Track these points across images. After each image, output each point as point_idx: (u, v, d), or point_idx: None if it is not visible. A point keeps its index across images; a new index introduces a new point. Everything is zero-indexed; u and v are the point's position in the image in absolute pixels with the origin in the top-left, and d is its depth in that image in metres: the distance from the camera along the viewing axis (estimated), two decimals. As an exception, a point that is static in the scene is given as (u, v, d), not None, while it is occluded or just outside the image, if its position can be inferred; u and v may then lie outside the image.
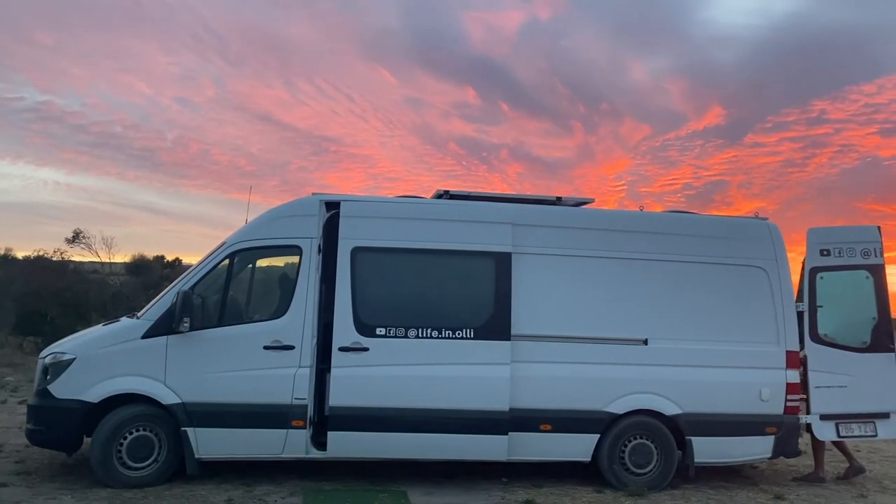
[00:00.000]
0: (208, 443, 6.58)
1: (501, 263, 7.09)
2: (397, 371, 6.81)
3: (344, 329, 6.77)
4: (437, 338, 6.89)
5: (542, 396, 6.97)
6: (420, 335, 6.88)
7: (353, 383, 6.73)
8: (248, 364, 6.64)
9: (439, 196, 7.65)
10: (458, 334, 6.93)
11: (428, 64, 51.46)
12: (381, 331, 6.82)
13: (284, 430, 6.64)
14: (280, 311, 6.83)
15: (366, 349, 6.76)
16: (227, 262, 6.90)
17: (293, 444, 6.67)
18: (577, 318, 7.18)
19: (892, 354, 7.85)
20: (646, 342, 7.22)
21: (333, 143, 55.03)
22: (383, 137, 54.10)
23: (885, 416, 7.77)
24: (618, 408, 7.08)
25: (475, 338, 6.94)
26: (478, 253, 7.11)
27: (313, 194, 7.18)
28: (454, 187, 7.61)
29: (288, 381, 6.64)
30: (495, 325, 6.97)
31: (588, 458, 7.12)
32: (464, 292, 7.15)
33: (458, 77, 54.48)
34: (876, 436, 7.80)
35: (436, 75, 53.17)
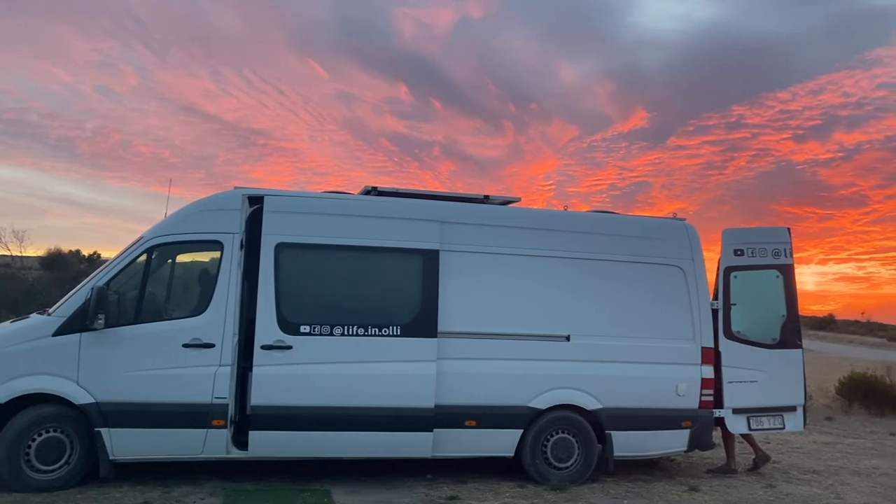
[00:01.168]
0: (123, 444, 6.36)
1: (429, 261, 7.10)
2: (322, 369, 6.73)
3: (267, 327, 6.65)
4: (364, 335, 6.85)
5: (468, 393, 7.02)
6: (346, 333, 6.82)
7: (275, 382, 6.62)
8: (167, 362, 6.45)
9: (367, 192, 7.61)
10: (385, 332, 6.90)
11: (360, 58, 51.11)
12: (305, 328, 6.73)
13: (204, 430, 6.48)
14: (200, 308, 6.65)
15: (289, 347, 6.66)
16: (144, 257, 6.68)
17: (213, 444, 6.52)
18: (502, 315, 7.26)
19: (800, 351, 8.24)
20: (568, 338, 7.37)
21: (261, 136, 54.05)
22: (313, 131, 53.46)
23: (792, 409, 8.15)
24: (541, 403, 7.20)
25: (402, 335, 6.93)
26: (405, 250, 7.10)
27: (236, 188, 7.02)
28: (386, 184, 7.59)
29: (208, 380, 6.48)
30: (422, 323, 6.97)
31: (512, 454, 7.22)
32: (391, 290, 7.12)
33: (390, 73, 54.32)
34: (784, 428, 8.18)
35: (368, 70, 52.85)
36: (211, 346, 6.51)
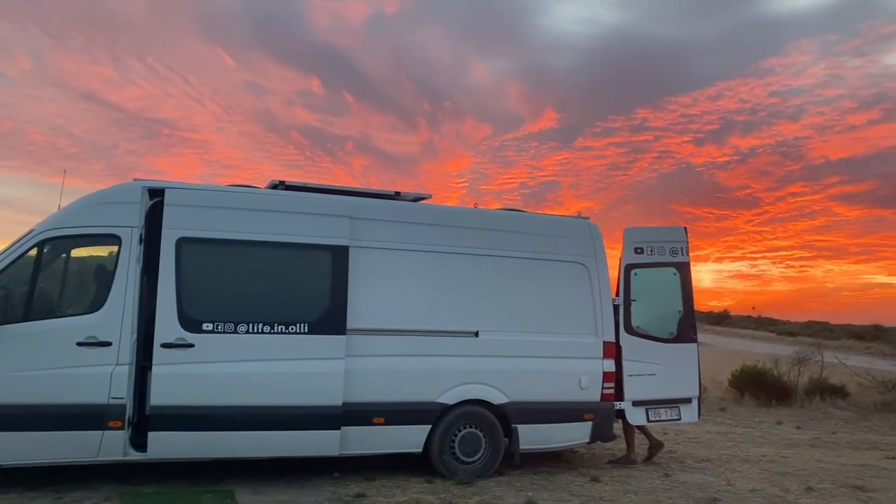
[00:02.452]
0: (11, 448, 6.02)
1: (338, 257, 7.04)
2: (226, 368, 6.56)
3: (167, 324, 6.43)
4: (270, 333, 6.72)
5: (376, 390, 7.00)
6: (251, 330, 6.67)
7: (176, 381, 6.40)
8: (59, 362, 6.13)
9: (274, 186, 7.46)
10: (292, 329, 6.79)
11: (270, 49, 49.92)
12: (208, 326, 6.54)
13: (100, 432, 6.20)
14: (96, 305, 6.36)
15: (191, 345, 6.45)
16: (35, 250, 6.32)
17: (109, 446, 6.25)
18: (412, 311, 7.28)
19: (695, 345, 8.65)
20: (477, 334, 7.46)
21: (166, 126, 52.03)
22: (221, 123, 51.87)
23: (688, 401, 8.56)
24: (449, 398, 7.27)
25: (309, 332, 6.83)
26: (313, 246, 7.01)
27: (135, 180, 6.74)
28: (297, 178, 7.47)
29: (104, 380, 6.21)
30: (330, 320, 6.91)
31: (420, 449, 7.25)
32: (298, 286, 7.01)
33: (302, 65, 53.35)
34: (680, 419, 8.57)
35: (279, 61, 51.67)
36: (107, 344, 6.24)
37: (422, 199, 8.08)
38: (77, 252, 6.97)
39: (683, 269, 8.71)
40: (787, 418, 13.84)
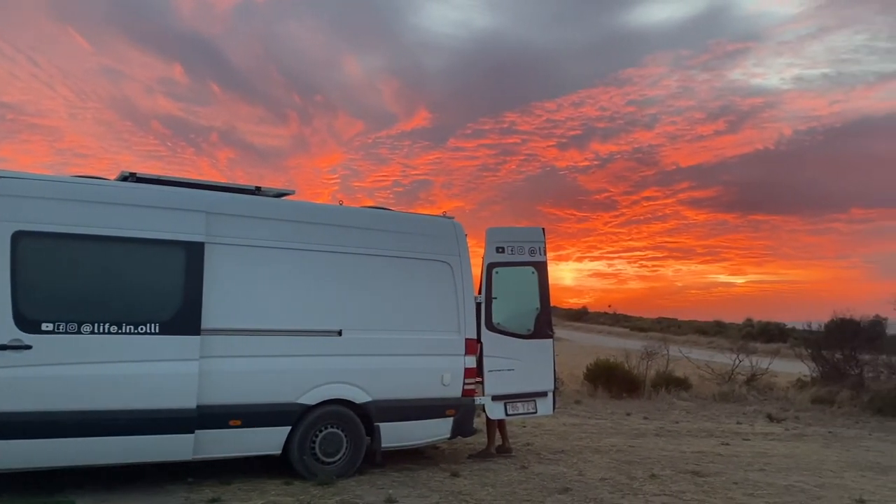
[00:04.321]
0: None
1: (192, 254, 6.74)
2: (69, 371, 6.12)
3: (0, 324, 5.92)
4: (118, 333, 6.33)
5: (233, 392, 6.78)
6: (96, 330, 6.26)
7: (12, 385, 5.89)
8: None
9: (124, 178, 7.04)
10: (142, 329, 6.44)
11: (130, 33, 47.21)
12: (47, 326, 6.08)
13: (-83, 444, 5.62)
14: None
15: (28, 347, 5.97)
16: None
17: (-71, 459, 5.68)
18: (272, 310, 7.11)
19: (551, 341, 9.01)
20: (340, 333, 7.39)
21: (11, 110, 47.98)
22: (74, 109, 48.48)
23: (544, 394, 8.90)
24: (310, 399, 7.16)
25: (161, 332, 6.51)
26: (166, 242, 6.67)
27: (-36, 168, 6.16)
28: (158, 169, 7.12)
29: (-77, 387, 5.63)
30: (184, 319, 6.61)
31: (279, 451, 7.10)
32: (149, 284, 6.65)
33: (164, 51, 50.83)
34: (536, 412, 8.90)
35: (139, 46, 48.98)
36: (-70, 347, 5.67)
37: (285, 194, 7.90)
38: None
39: (541, 268, 9.06)
40: (635, 409, 14.69)
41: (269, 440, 7.03)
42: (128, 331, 6.37)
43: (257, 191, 7.61)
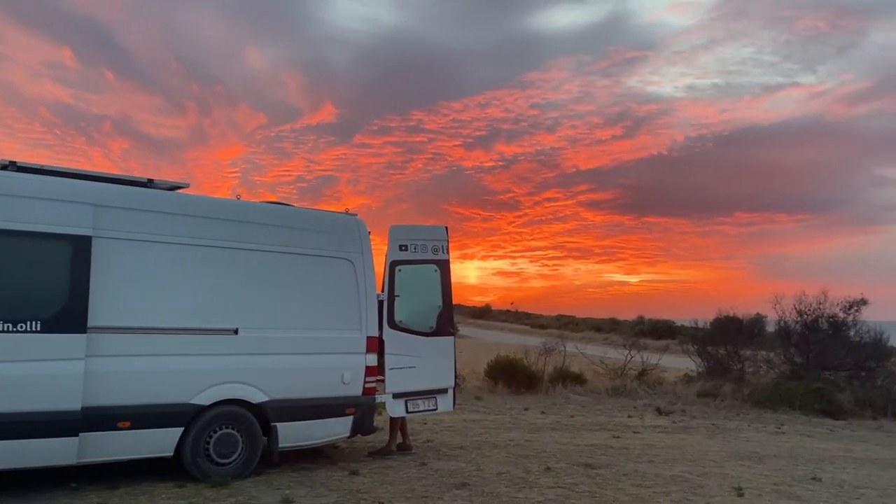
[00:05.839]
0: None
1: (78, 248, 6.41)
2: (-64, 371, 5.71)
3: None
4: (-6, 331, 5.96)
5: (122, 392, 6.50)
6: (-31, 328, 5.86)
7: None
8: None
9: (4, 167, 6.61)
10: (21, 327, 6.06)
11: (13, 13, 44.26)
12: (-88, 324, 5.64)
13: None
14: None
15: None
16: None
17: None
18: (165, 308, 6.85)
19: (452, 338, 9.10)
20: (236, 332, 7.21)
21: None
22: (-51, 91, 44.99)
23: (444, 391, 8.98)
24: (204, 399, 6.95)
25: (42, 331, 6.15)
26: (49, 235, 6.30)
27: None
28: (46, 159, 6.71)
29: None
30: (68, 316, 6.27)
31: (171, 453, 6.86)
32: (29, 279, 6.27)
33: (52, 34, 47.96)
34: (437, 409, 8.97)
35: (23, 27, 45.99)
36: None
37: (179, 187, 7.63)
38: None
39: (443, 267, 9.13)
40: (533, 404, 15.03)
41: (160, 442, 6.78)
42: (6, 329, 5.99)
43: (149, 183, 7.31)
